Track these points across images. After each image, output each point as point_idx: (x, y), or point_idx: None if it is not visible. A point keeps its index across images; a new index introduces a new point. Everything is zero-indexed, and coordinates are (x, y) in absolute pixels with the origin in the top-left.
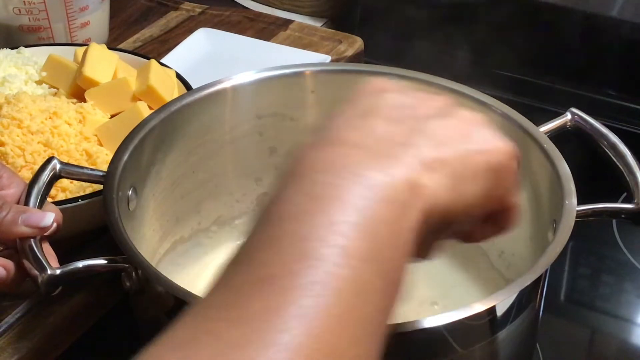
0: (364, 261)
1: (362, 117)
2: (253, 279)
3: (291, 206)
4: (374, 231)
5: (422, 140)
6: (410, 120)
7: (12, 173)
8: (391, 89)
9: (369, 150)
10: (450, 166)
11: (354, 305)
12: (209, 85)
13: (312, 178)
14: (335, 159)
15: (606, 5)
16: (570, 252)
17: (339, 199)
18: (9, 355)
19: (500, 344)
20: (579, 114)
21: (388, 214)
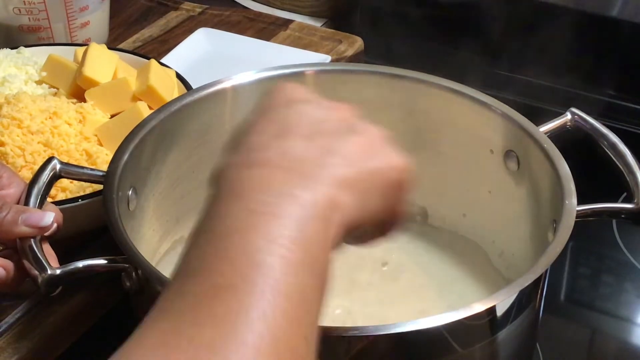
0: (304, 269)
1: (279, 137)
2: (211, 286)
3: (235, 221)
4: (308, 244)
5: (334, 159)
6: (321, 139)
7: (12, 173)
8: (300, 98)
9: (293, 170)
10: (358, 184)
11: (303, 308)
12: (209, 85)
13: (248, 196)
14: (266, 179)
15: (606, 5)
16: (570, 252)
17: (276, 216)
18: (9, 355)
19: (500, 344)
20: (579, 114)
21: (317, 228)
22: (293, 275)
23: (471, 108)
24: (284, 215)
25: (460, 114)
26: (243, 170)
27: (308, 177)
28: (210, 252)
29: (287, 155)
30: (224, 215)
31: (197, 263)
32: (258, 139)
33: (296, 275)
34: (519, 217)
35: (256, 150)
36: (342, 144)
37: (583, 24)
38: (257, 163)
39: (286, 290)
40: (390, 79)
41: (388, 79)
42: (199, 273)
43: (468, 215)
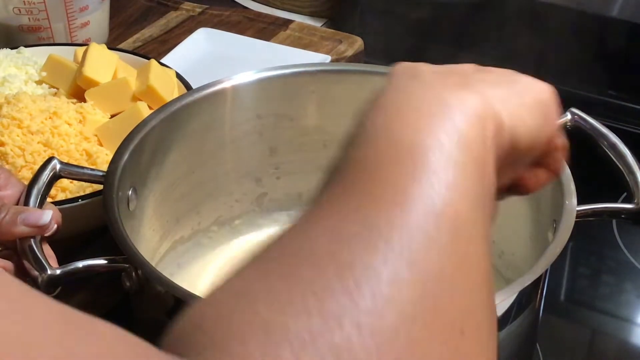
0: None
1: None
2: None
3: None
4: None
5: (477, 84)
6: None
7: (9, 174)
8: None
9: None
10: (511, 101)
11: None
12: (209, 85)
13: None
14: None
15: (606, 5)
16: (570, 252)
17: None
18: None
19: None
20: (579, 114)
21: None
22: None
23: None
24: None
25: None
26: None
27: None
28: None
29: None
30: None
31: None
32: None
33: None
34: (519, 217)
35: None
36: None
37: (583, 24)
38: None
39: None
40: None
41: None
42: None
43: None
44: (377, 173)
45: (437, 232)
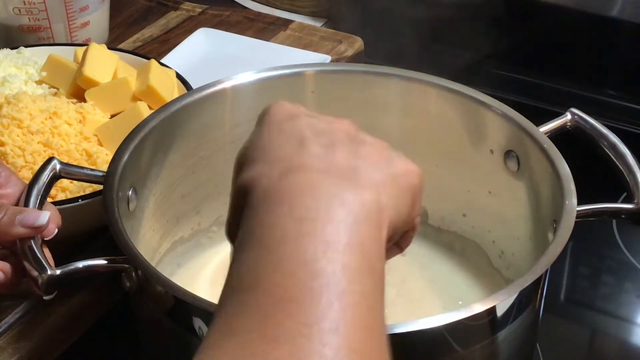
0: (365, 276)
1: (299, 145)
2: (273, 300)
3: (284, 230)
4: (364, 249)
5: (361, 163)
6: (340, 146)
7: (10, 172)
8: (298, 112)
9: (329, 173)
10: (391, 187)
11: (371, 315)
12: (209, 85)
13: (295, 202)
14: (306, 184)
15: (606, 5)
16: (570, 252)
17: (327, 221)
18: (9, 355)
19: (500, 344)
20: (579, 114)
21: (370, 231)
22: (358, 283)
23: (471, 108)
24: (335, 220)
25: (460, 114)
26: (278, 179)
27: (348, 180)
28: (264, 265)
29: (320, 160)
30: (270, 225)
31: (252, 277)
32: (280, 149)
33: (360, 282)
34: (519, 217)
35: (284, 159)
36: (361, 151)
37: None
38: (291, 169)
39: (353, 299)
40: (391, 79)
41: (388, 79)
42: (256, 288)
43: (468, 215)
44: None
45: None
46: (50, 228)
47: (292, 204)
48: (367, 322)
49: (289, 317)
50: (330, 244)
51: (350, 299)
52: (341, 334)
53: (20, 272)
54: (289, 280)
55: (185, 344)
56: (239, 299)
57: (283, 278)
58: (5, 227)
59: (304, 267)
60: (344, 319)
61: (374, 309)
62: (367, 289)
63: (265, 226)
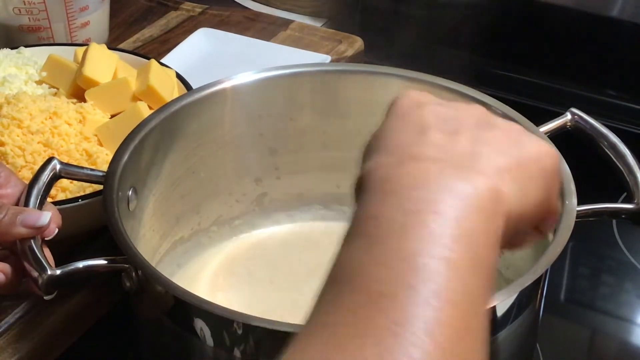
0: (469, 272)
1: (420, 133)
2: (369, 295)
3: (391, 223)
4: (472, 242)
5: (485, 149)
6: (464, 132)
7: (10, 172)
8: (427, 101)
9: (446, 162)
10: (516, 172)
11: (469, 316)
12: (209, 85)
13: (405, 194)
14: (417, 174)
15: (606, 5)
16: (570, 252)
17: (435, 213)
18: (9, 355)
19: (500, 344)
20: (579, 114)
21: (481, 223)
22: (458, 279)
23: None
24: (443, 211)
25: None
26: (393, 168)
27: (465, 168)
28: (366, 258)
29: (436, 149)
30: (377, 217)
31: (351, 269)
32: (398, 139)
33: (461, 279)
34: None
35: (400, 147)
36: (488, 136)
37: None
38: (407, 158)
39: (451, 296)
40: (390, 79)
41: (388, 78)
42: (353, 280)
43: None
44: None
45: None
46: (51, 228)
47: (402, 195)
48: (464, 323)
49: (381, 314)
50: (434, 238)
51: (448, 297)
52: (434, 335)
53: (21, 273)
54: (387, 275)
55: (185, 344)
56: (335, 290)
57: (381, 272)
58: (6, 227)
59: (403, 262)
60: (438, 319)
61: (474, 308)
62: (470, 287)
63: (372, 217)
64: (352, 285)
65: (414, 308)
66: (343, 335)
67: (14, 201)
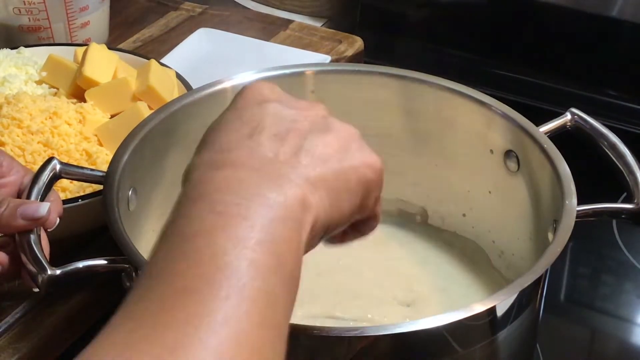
0: (271, 274)
1: (249, 136)
2: (173, 290)
3: (199, 223)
4: (277, 249)
5: (306, 159)
6: (293, 138)
7: (11, 159)
8: (271, 98)
9: (261, 171)
10: (330, 183)
11: (269, 312)
12: (209, 85)
13: (215, 197)
14: (233, 180)
15: (606, 5)
16: (570, 252)
17: (244, 217)
18: (9, 355)
19: (500, 344)
20: (579, 114)
21: (286, 230)
22: (260, 279)
23: (471, 108)
24: (252, 217)
25: (460, 114)
26: (210, 170)
27: (277, 177)
28: (176, 254)
29: (256, 155)
30: (190, 217)
31: (162, 265)
32: (228, 138)
33: (264, 279)
34: (519, 217)
35: (225, 150)
36: (314, 143)
37: (583, 24)
38: (224, 163)
39: (252, 294)
40: (390, 79)
41: (388, 79)
42: (163, 275)
43: (468, 215)
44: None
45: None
46: (52, 218)
47: (215, 199)
48: (262, 318)
49: (184, 308)
50: (241, 240)
51: (248, 293)
52: (231, 326)
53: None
54: (193, 271)
55: None
56: (146, 284)
57: (188, 268)
58: (7, 220)
59: (210, 259)
60: (237, 312)
61: (274, 307)
62: (271, 286)
63: (185, 217)
64: (159, 280)
65: (215, 302)
66: (146, 326)
67: (15, 188)
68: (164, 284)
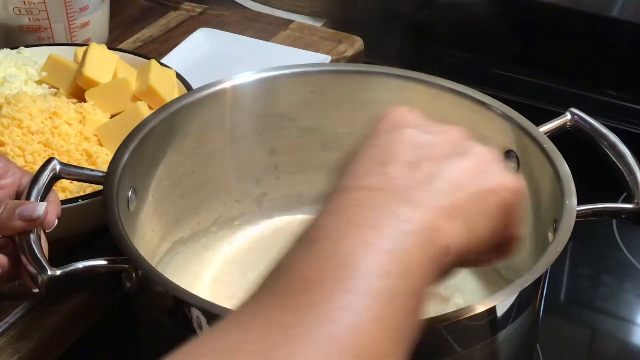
0: (398, 277)
1: (382, 164)
2: (300, 280)
3: (330, 230)
4: (405, 258)
5: (438, 185)
6: (426, 164)
7: (8, 161)
8: (409, 123)
9: (395, 194)
10: (465, 209)
11: (388, 312)
12: (209, 85)
13: (350, 210)
14: (367, 199)
15: (606, 5)
16: (570, 252)
17: (374, 227)
18: (9, 355)
19: (500, 344)
20: (579, 114)
21: (417, 246)
22: (385, 279)
23: (471, 108)
24: (383, 228)
25: (460, 114)
26: (346, 192)
27: (410, 201)
28: (304, 253)
29: (390, 182)
30: (323, 226)
31: (289, 261)
32: (362, 167)
33: (389, 280)
34: None
35: (360, 177)
36: (448, 168)
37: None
38: (359, 187)
39: (375, 292)
40: (390, 79)
41: (388, 79)
42: (290, 270)
43: None
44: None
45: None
46: (50, 219)
47: (349, 212)
48: (383, 315)
49: (307, 295)
50: (370, 246)
51: (374, 289)
52: (348, 316)
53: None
54: (321, 266)
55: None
56: (273, 277)
57: (317, 263)
58: (5, 221)
59: (337, 259)
60: (357, 304)
61: (396, 308)
62: (396, 289)
63: (319, 226)
64: (286, 272)
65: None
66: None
67: (13, 190)
68: (290, 276)
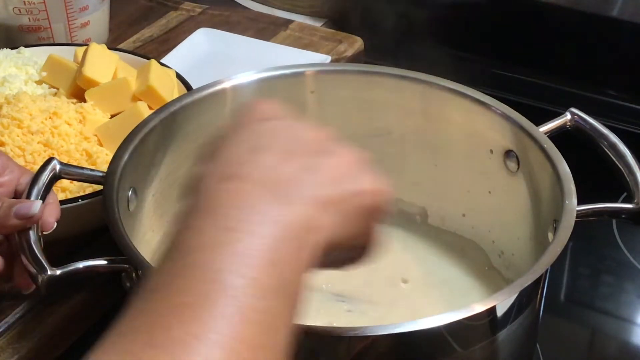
0: (272, 292)
1: (254, 151)
2: (171, 305)
3: (204, 238)
4: (279, 266)
5: (312, 178)
6: (298, 157)
7: (7, 158)
8: (276, 116)
9: (267, 187)
10: (337, 205)
11: (266, 333)
12: (209, 86)
13: (221, 212)
14: (239, 195)
15: (606, 5)
16: (570, 252)
17: (248, 234)
18: (9, 355)
19: (500, 344)
20: (579, 114)
21: (290, 249)
22: (259, 298)
23: (471, 108)
24: (255, 234)
25: (460, 114)
26: (218, 183)
27: (283, 196)
28: (173, 269)
29: (263, 171)
30: (195, 228)
31: (160, 279)
32: (233, 151)
33: (263, 299)
34: (519, 217)
35: (232, 163)
36: (319, 164)
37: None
38: (232, 176)
39: (250, 315)
40: (390, 79)
41: (388, 79)
42: (162, 289)
43: (468, 215)
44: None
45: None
46: (49, 222)
47: (218, 213)
48: (259, 340)
49: (179, 325)
50: (242, 258)
51: (247, 314)
52: (225, 349)
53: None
54: (191, 287)
55: None
56: (143, 297)
57: (186, 284)
58: (2, 220)
59: (209, 275)
60: (232, 334)
61: (272, 328)
62: (269, 307)
63: (191, 229)
64: (157, 295)
65: (210, 322)
66: (140, 343)
67: (12, 188)
68: (161, 298)
